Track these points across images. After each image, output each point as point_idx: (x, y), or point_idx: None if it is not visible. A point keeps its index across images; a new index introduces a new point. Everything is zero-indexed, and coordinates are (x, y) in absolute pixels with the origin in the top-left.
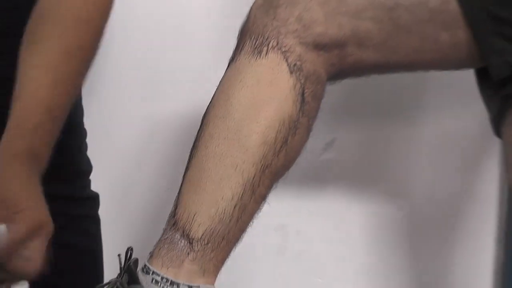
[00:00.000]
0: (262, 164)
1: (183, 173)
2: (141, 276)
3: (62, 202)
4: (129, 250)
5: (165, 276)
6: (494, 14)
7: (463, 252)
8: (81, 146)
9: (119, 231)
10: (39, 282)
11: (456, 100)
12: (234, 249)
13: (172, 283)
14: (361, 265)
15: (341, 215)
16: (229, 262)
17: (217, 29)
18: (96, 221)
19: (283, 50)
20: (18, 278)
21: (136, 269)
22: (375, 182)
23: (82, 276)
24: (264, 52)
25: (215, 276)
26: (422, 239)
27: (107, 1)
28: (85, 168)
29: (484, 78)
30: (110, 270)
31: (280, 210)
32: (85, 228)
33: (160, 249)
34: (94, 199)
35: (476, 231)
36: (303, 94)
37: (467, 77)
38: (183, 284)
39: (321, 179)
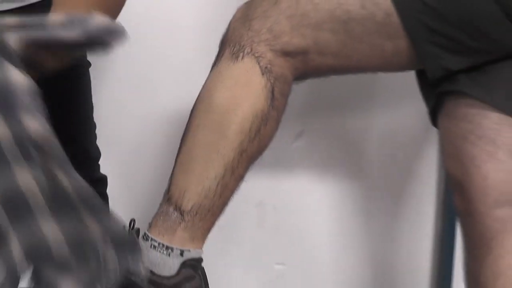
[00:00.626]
0: (240, 149)
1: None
2: (141, 242)
3: None
4: (132, 221)
5: (161, 242)
6: (428, 26)
7: (408, 223)
8: (91, 136)
9: (123, 206)
10: None
11: (401, 96)
12: (218, 219)
13: (167, 247)
14: (326, 234)
15: (309, 193)
16: (215, 232)
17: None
18: (104, 198)
19: (256, 55)
20: None
21: (138, 237)
22: (336, 166)
23: None
24: (240, 57)
25: (203, 242)
26: (374, 212)
27: None
28: (95, 155)
29: (422, 78)
30: None
31: (259, 189)
32: None
33: (157, 220)
34: (102, 180)
35: (419, 205)
36: (272, 92)
37: (410, 77)
38: (176, 248)
39: (293, 163)
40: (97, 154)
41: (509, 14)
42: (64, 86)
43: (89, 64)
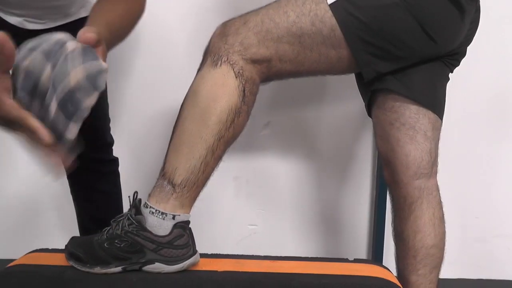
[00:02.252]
0: (218, 136)
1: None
2: (143, 209)
3: (95, 162)
4: (135, 193)
5: (158, 209)
6: (363, 39)
7: (350, 191)
8: (107, 127)
9: (131, 181)
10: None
11: (344, 94)
12: (202, 190)
13: (162, 213)
14: (288, 200)
15: (275, 169)
16: (200, 200)
17: None
18: (117, 175)
19: (231, 63)
20: None
21: (140, 205)
22: (295, 148)
23: (109, 211)
24: (219, 64)
25: (190, 208)
26: (325, 183)
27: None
28: (110, 141)
29: (359, 79)
30: (125, 207)
31: (235, 167)
32: (110, 179)
33: (154, 191)
34: (115, 160)
35: (358, 177)
36: (244, 91)
37: (350, 79)
38: (169, 213)
39: (262, 146)
40: (111, 141)
41: (424, 29)
42: None
43: None
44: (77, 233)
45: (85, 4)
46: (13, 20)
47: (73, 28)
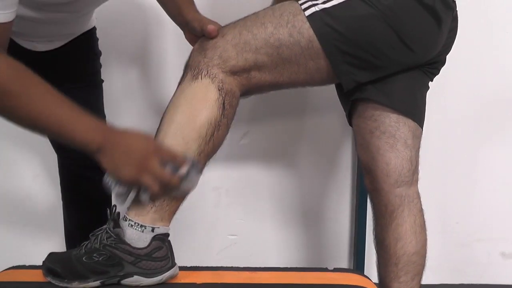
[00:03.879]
0: (198, 151)
1: None
2: (121, 222)
3: (89, 170)
4: (114, 206)
5: (137, 221)
6: (341, 49)
7: (331, 200)
8: None
9: None
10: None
11: (324, 104)
12: (182, 203)
13: (141, 226)
14: (268, 210)
15: (254, 179)
16: (181, 211)
17: None
18: None
19: (211, 76)
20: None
21: (119, 218)
22: (274, 158)
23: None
24: (199, 78)
25: (169, 221)
26: (305, 192)
27: None
28: None
29: (340, 89)
30: None
31: (215, 177)
32: (102, 188)
33: (133, 204)
34: None
35: (339, 185)
36: (223, 104)
37: (331, 90)
38: (148, 226)
39: (240, 156)
40: None
41: (401, 38)
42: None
43: (102, 81)
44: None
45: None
46: (26, 44)
47: (77, 43)
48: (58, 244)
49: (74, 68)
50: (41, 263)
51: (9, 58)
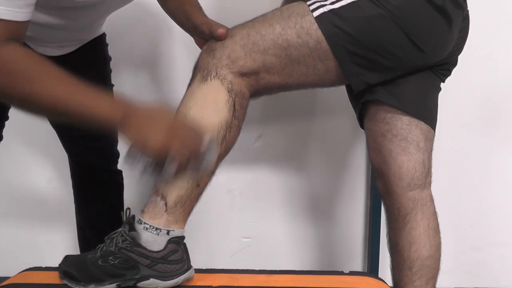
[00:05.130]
0: None
1: None
2: (137, 225)
3: (102, 172)
4: (127, 209)
5: (152, 224)
6: (350, 50)
7: (343, 203)
8: (117, 138)
9: (133, 193)
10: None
11: (335, 106)
12: (196, 205)
13: (156, 229)
14: (281, 212)
15: (267, 181)
16: (195, 213)
17: None
18: (121, 187)
19: (221, 78)
20: None
21: (134, 222)
22: (287, 160)
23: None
24: (209, 80)
25: (184, 223)
26: (317, 194)
27: None
28: (117, 152)
29: (350, 90)
30: None
31: (228, 180)
32: (115, 190)
33: (148, 207)
34: (120, 173)
35: (352, 188)
36: (234, 105)
37: (341, 92)
38: (163, 229)
39: (254, 159)
40: (118, 153)
41: (410, 38)
42: None
43: (112, 86)
44: (72, 251)
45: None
46: (38, 49)
47: (87, 48)
48: (72, 246)
49: (85, 73)
50: (56, 265)
51: (24, 47)
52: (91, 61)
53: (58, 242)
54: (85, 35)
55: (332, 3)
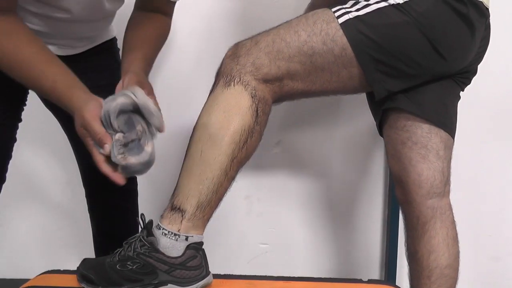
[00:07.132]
0: (231, 156)
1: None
2: (155, 230)
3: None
4: (141, 215)
5: (171, 230)
6: (374, 57)
7: (362, 210)
8: None
9: (146, 201)
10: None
11: (355, 113)
12: (215, 211)
13: (175, 234)
14: (299, 218)
15: (286, 188)
16: (213, 220)
17: None
18: (135, 193)
19: (244, 84)
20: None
21: (152, 227)
22: (306, 166)
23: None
24: (232, 85)
25: (203, 229)
26: (336, 202)
27: (168, 29)
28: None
29: (371, 98)
30: None
31: (246, 185)
32: (129, 197)
33: (167, 213)
34: (134, 179)
35: (371, 196)
36: (257, 111)
37: (361, 99)
38: (182, 235)
39: (273, 165)
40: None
41: (434, 46)
42: None
43: None
44: (89, 254)
45: (109, 29)
46: (50, 48)
47: (98, 51)
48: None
49: (96, 77)
50: (74, 268)
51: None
52: (102, 64)
53: (76, 245)
54: (93, 31)
55: (358, 10)
